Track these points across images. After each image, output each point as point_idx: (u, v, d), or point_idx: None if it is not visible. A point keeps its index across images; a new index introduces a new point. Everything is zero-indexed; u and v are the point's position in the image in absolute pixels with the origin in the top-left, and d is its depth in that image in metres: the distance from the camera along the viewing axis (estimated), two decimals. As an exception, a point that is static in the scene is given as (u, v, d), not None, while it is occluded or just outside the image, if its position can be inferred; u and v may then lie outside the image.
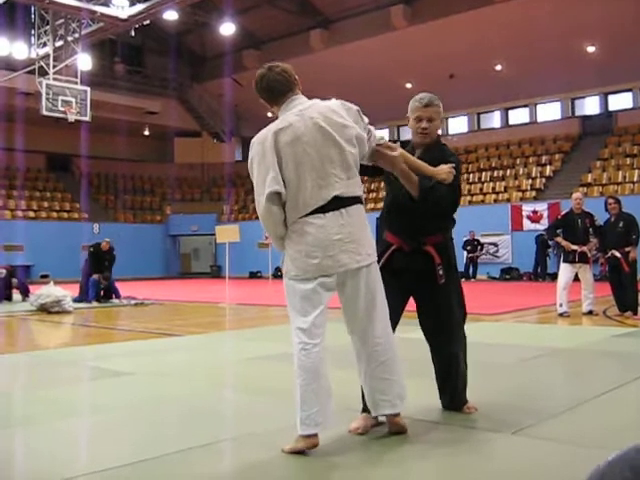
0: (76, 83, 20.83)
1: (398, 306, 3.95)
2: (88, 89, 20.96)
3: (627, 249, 10.07)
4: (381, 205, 4.29)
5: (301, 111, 3.51)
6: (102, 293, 14.87)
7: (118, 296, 14.89)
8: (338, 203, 3.43)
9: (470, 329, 4.20)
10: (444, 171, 3.75)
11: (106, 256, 15.10)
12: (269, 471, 3.20)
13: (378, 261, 3.73)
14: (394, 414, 3.58)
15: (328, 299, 3.52)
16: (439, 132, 4.21)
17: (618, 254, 10.10)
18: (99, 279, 14.65)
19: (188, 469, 3.21)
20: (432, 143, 4.05)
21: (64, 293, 12.60)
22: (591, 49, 25.07)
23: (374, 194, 28.78)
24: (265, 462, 3.30)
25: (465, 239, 23.45)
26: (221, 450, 3.58)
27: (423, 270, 3.94)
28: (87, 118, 20.88)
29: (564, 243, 10.29)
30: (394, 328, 3.86)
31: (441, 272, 3.91)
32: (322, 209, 3.42)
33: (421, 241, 3.94)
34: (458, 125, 31.56)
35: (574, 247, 10.17)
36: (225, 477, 3.23)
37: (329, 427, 3.41)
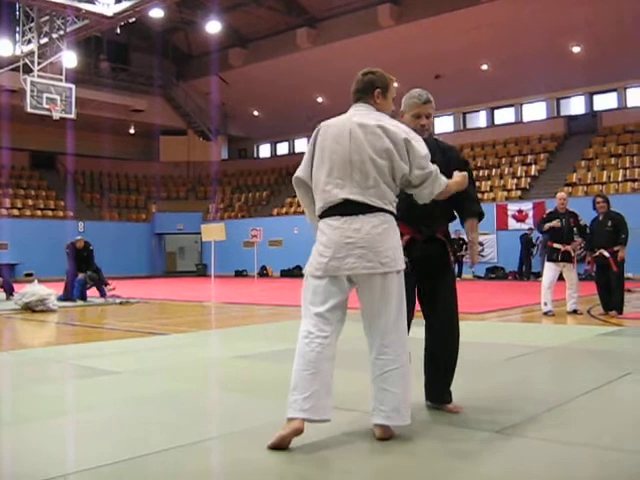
0: (61, 80, 20.72)
1: (414, 296, 4.11)
2: (73, 86, 20.86)
3: (615, 248, 10.10)
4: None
5: (351, 115, 3.70)
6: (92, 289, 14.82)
7: (103, 294, 14.81)
8: (354, 208, 3.52)
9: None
10: (465, 180, 3.93)
11: (83, 253, 15.00)
12: (256, 468, 3.19)
13: None
14: (385, 426, 3.55)
15: (343, 298, 3.57)
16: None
17: (607, 254, 10.12)
18: (85, 279, 14.56)
19: (175, 467, 3.21)
20: (429, 138, 4.16)
21: (49, 292, 12.53)
22: (576, 49, 25.23)
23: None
24: (252, 460, 3.29)
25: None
26: (208, 448, 3.57)
27: (437, 257, 4.15)
28: (72, 116, 20.78)
29: (553, 223, 10.23)
30: (411, 317, 3.97)
31: (452, 258, 4.23)
32: (338, 210, 3.54)
33: (435, 230, 4.16)
34: (444, 125, 31.64)
35: (558, 246, 10.22)
36: (212, 475, 3.24)
37: (319, 418, 3.42)
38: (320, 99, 31.37)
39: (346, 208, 3.52)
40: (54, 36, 21.10)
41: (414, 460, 3.30)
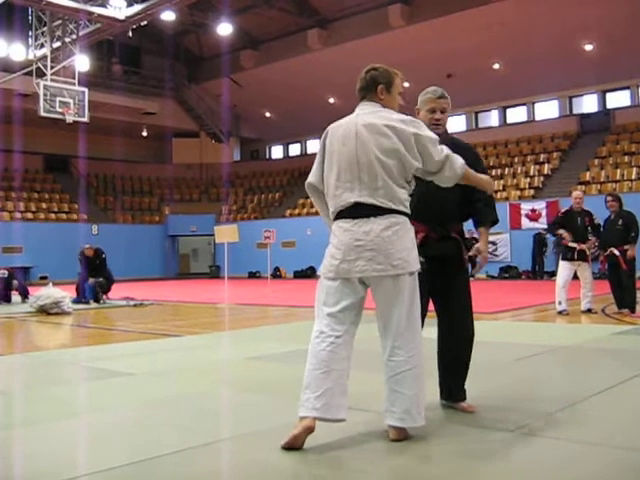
0: (74, 84, 20.83)
1: (424, 308, 4.04)
2: (86, 90, 20.96)
3: (625, 247, 10.07)
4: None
5: (358, 115, 3.66)
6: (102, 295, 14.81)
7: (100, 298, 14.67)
8: (364, 210, 3.51)
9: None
10: (491, 184, 3.99)
11: (95, 261, 14.94)
12: (269, 470, 3.20)
13: None
14: (400, 427, 3.54)
15: (356, 300, 3.56)
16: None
17: (617, 252, 10.10)
18: (94, 285, 14.57)
19: (188, 469, 3.21)
20: (443, 135, 4.13)
21: (63, 294, 12.59)
22: (589, 47, 25.10)
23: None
24: (265, 461, 3.30)
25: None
26: (221, 449, 3.58)
27: (451, 255, 4.13)
28: (85, 119, 20.87)
29: (565, 234, 10.25)
30: (423, 320, 3.92)
31: (466, 256, 4.17)
32: (349, 213, 3.54)
33: (448, 228, 4.14)
34: (456, 124, 31.53)
35: (573, 244, 10.18)
36: (225, 476, 3.25)
37: (332, 417, 3.41)
38: (332, 100, 31.35)
39: (356, 211, 3.52)
40: (67, 40, 21.21)
41: (429, 460, 3.30)
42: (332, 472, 3.17)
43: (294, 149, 38.81)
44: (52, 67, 20.75)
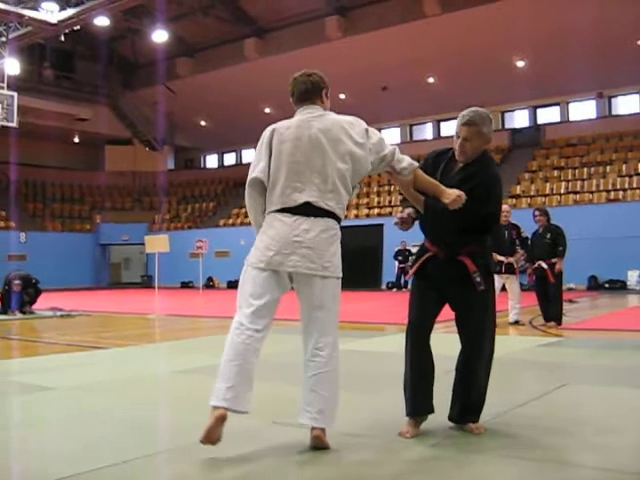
0: (2, 88, 20.35)
1: (431, 313, 4.12)
2: (15, 94, 20.51)
3: (553, 260, 10.29)
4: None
5: (308, 119, 3.69)
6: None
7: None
8: (309, 210, 3.57)
9: (393, 340, 4.23)
10: (451, 196, 3.73)
11: (26, 288, 14.26)
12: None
13: (412, 265, 4.02)
14: (316, 427, 3.57)
15: (279, 295, 3.63)
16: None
17: (545, 265, 10.31)
18: (22, 295, 14.09)
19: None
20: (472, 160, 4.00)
21: (-13, 305, 12.22)
22: (520, 64, 25.69)
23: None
24: (196, 474, 3.26)
25: (397, 249, 23.74)
26: (153, 463, 3.50)
27: (457, 277, 3.93)
28: (14, 124, 20.41)
29: None
30: (428, 334, 4.07)
31: (478, 279, 3.91)
32: (292, 210, 3.58)
33: (456, 250, 3.94)
34: (390, 136, 31.88)
35: (501, 258, 10.33)
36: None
37: (239, 409, 3.46)
38: (267, 110, 31.31)
39: (302, 209, 3.57)
40: (-4, 43, 20.74)
41: (349, 469, 3.28)
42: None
43: (229, 158, 38.64)
44: (-20, 70, 20.24)
